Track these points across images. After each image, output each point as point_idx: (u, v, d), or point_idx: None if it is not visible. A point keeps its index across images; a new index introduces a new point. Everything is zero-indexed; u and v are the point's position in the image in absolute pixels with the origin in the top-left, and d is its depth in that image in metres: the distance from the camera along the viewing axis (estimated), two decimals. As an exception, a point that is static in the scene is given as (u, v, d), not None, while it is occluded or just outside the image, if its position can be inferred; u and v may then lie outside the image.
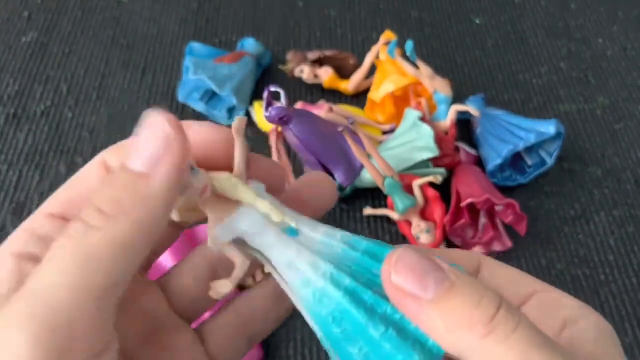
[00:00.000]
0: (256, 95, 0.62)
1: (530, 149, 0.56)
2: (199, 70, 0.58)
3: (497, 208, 0.51)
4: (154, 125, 0.15)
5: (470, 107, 0.55)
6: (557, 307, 0.18)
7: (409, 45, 0.53)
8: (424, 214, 0.50)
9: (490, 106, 0.60)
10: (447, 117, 0.55)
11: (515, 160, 0.56)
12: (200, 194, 0.17)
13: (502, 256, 0.52)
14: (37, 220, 0.17)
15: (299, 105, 0.57)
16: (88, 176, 0.17)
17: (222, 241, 0.18)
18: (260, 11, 0.71)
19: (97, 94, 0.62)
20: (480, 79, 0.65)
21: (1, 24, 0.68)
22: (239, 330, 0.21)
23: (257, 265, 0.21)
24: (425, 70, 0.55)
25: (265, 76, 0.64)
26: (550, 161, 0.55)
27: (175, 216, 0.19)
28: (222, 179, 0.18)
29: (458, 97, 0.62)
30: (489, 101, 0.63)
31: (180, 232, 0.21)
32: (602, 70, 0.67)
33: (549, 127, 0.52)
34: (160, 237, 0.17)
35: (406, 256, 0.16)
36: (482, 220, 0.52)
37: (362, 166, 0.52)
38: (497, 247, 0.52)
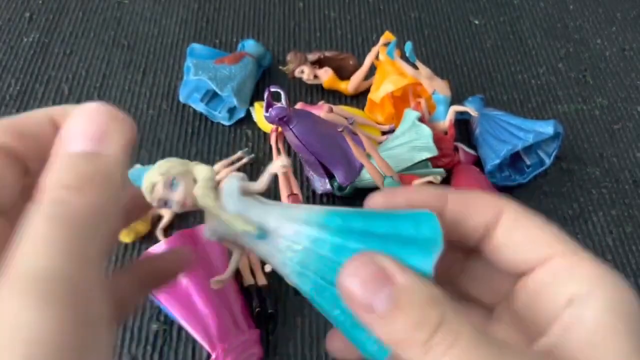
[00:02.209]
0: (257, 96, 0.62)
1: (529, 149, 0.56)
2: (200, 71, 0.58)
3: (496, 208, 0.51)
4: (94, 110, 0.16)
5: (469, 108, 0.56)
6: (567, 279, 0.17)
7: (408, 46, 0.53)
8: (423, 214, 0.51)
9: (489, 107, 0.61)
10: (446, 118, 0.55)
11: (514, 161, 0.56)
12: (182, 208, 0.19)
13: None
14: None
15: (299, 105, 0.57)
16: (35, 116, 0.17)
17: (214, 239, 0.20)
18: (261, 12, 0.71)
19: (98, 95, 0.62)
20: (479, 79, 0.66)
21: (3, 25, 0.68)
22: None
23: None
24: (424, 71, 0.55)
25: (266, 77, 0.65)
26: (548, 161, 0.55)
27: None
28: (196, 194, 0.19)
29: (457, 97, 0.62)
30: (488, 102, 0.63)
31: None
32: (600, 71, 0.67)
33: (548, 128, 0.52)
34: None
35: (362, 266, 0.17)
36: (481, 220, 0.52)
37: (362, 166, 0.52)
38: (496, 246, 0.52)
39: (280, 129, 0.51)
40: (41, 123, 0.17)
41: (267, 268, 0.48)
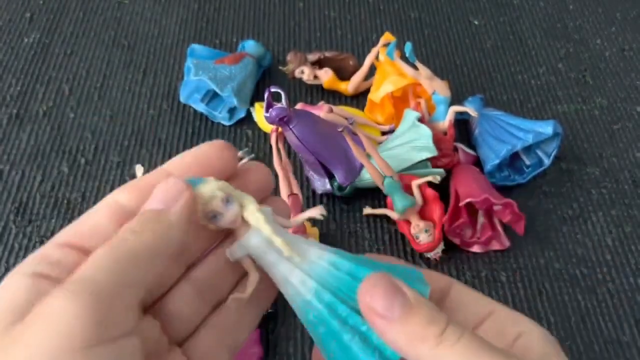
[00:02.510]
0: (257, 96, 0.62)
1: (528, 149, 0.56)
2: (200, 71, 0.58)
3: (495, 208, 0.51)
4: (170, 182, 0.21)
5: (469, 108, 0.56)
6: (511, 323, 0.22)
7: (408, 46, 0.53)
8: (423, 214, 0.51)
9: (489, 107, 0.61)
10: (446, 118, 0.56)
11: (514, 161, 0.57)
12: (230, 224, 0.22)
13: (501, 255, 0.52)
14: (48, 248, 0.20)
15: (299, 106, 0.58)
16: (97, 211, 0.21)
17: (237, 257, 0.23)
18: (261, 12, 0.71)
19: (98, 95, 0.62)
20: (479, 79, 0.66)
21: (3, 25, 0.68)
22: (218, 342, 0.24)
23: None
24: (424, 71, 0.55)
25: (266, 77, 0.65)
26: (548, 161, 0.55)
27: (213, 229, 0.23)
28: (248, 210, 0.22)
29: (457, 97, 0.62)
30: (488, 102, 0.63)
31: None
32: (600, 71, 0.67)
33: (547, 128, 0.52)
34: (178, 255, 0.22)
35: (379, 283, 0.20)
36: (481, 220, 0.52)
37: (361, 166, 0.52)
38: (495, 246, 0.52)
39: (280, 129, 0.51)
40: (99, 214, 0.21)
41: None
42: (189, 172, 0.22)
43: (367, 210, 0.53)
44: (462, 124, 0.60)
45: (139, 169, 0.53)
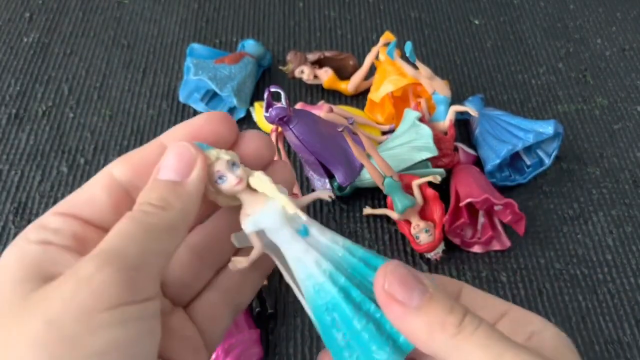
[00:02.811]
0: (257, 96, 0.62)
1: (529, 149, 0.56)
2: (199, 71, 0.58)
3: (496, 208, 0.51)
4: (181, 148, 0.21)
5: (469, 108, 0.56)
6: (525, 323, 0.22)
7: (408, 46, 0.53)
8: (423, 214, 0.51)
9: (489, 106, 0.61)
10: (446, 118, 0.55)
11: (514, 161, 0.56)
12: (235, 185, 0.22)
13: (501, 256, 0.52)
14: (46, 217, 0.20)
15: (299, 105, 0.57)
16: (94, 184, 0.21)
17: (250, 231, 0.22)
18: (261, 12, 0.71)
19: (98, 95, 0.62)
20: (479, 79, 0.66)
21: (3, 25, 0.68)
22: (222, 303, 0.24)
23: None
24: (424, 71, 0.55)
25: (266, 77, 0.65)
26: (548, 161, 0.55)
27: (218, 202, 0.23)
28: (254, 175, 0.22)
29: (457, 97, 0.62)
30: (488, 101, 0.63)
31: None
32: (600, 71, 0.67)
33: (548, 128, 0.52)
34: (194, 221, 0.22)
35: (398, 270, 0.20)
36: (481, 220, 0.52)
37: (362, 166, 0.52)
38: (496, 246, 0.52)
39: (280, 129, 0.51)
40: (158, 153, 0.22)
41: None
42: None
43: (367, 210, 0.53)
44: (463, 124, 0.60)
45: None
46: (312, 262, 0.22)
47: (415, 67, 0.56)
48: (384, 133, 0.58)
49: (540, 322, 0.22)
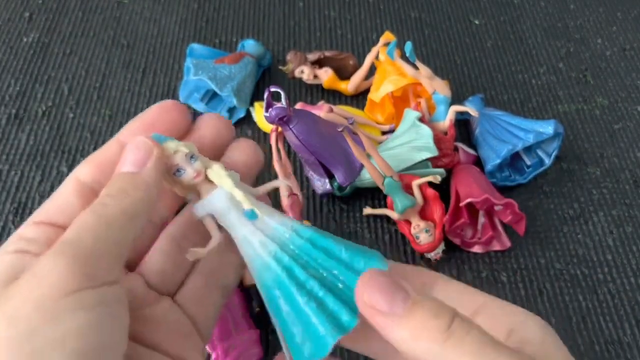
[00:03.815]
0: (256, 95, 0.62)
1: (529, 149, 0.56)
2: (199, 71, 0.58)
3: (496, 208, 0.51)
4: (137, 142, 0.22)
5: (470, 108, 0.56)
6: (504, 315, 0.21)
7: (409, 46, 0.53)
8: (423, 214, 0.50)
9: (490, 106, 0.61)
10: (447, 118, 0.55)
11: (514, 161, 0.56)
12: (194, 178, 0.23)
13: (501, 256, 0.52)
14: (24, 228, 0.21)
15: (299, 105, 0.57)
16: (64, 190, 0.22)
17: (200, 215, 0.23)
18: (261, 12, 0.71)
19: (98, 95, 0.62)
20: (480, 79, 0.66)
21: (2, 25, 0.68)
22: (207, 286, 0.25)
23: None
24: (424, 70, 0.55)
25: (266, 77, 0.65)
26: (549, 161, 0.55)
27: (177, 191, 0.24)
28: (212, 169, 0.23)
29: (457, 97, 0.62)
30: (488, 101, 0.63)
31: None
32: (601, 71, 0.67)
33: (548, 128, 0.52)
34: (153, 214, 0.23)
35: (376, 279, 0.19)
36: (481, 220, 0.52)
37: (362, 166, 0.52)
38: (496, 246, 0.52)
39: (280, 129, 0.51)
40: (118, 149, 0.23)
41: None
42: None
43: (367, 210, 0.53)
44: (463, 124, 0.60)
45: None
46: (257, 243, 0.23)
47: (415, 67, 0.56)
48: (384, 133, 0.58)
49: (521, 314, 0.21)
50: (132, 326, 0.21)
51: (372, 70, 0.61)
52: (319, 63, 0.62)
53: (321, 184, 0.53)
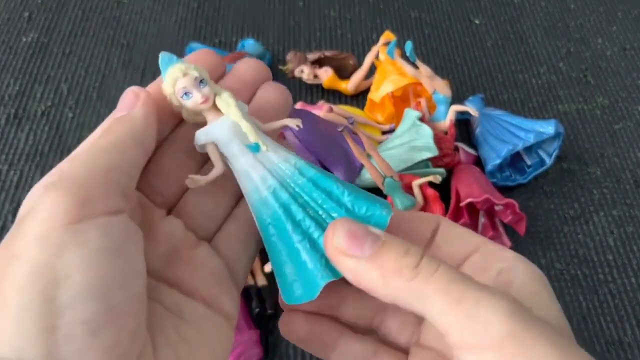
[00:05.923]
0: (256, 95, 0.62)
1: (529, 149, 0.56)
2: (199, 70, 0.58)
3: (496, 208, 0.51)
4: (127, 91, 0.23)
5: (470, 107, 0.56)
6: (496, 258, 0.22)
7: (409, 45, 0.53)
8: (423, 214, 0.50)
9: (490, 106, 0.61)
10: (447, 117, 0.55)
11: (515, 160, 0.56)
12: (200, 103, 0.22)
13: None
14: (61, 163, 0.22)
15: (299, 105, 0.57)
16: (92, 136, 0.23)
17: (202, 142, 0.23)
18: (261, 11, 0.71)
19: (97, 94, 0.62)
20: (480, 79, 0.65)
21: (2, 24, 0.68)
22: (242, 233, 0.24)
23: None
24: (424, 70, 0.55)
25: (265, 76, 0.64)
26: (549, 161, 0.55)
27: (184, 116, 0.24)
28: (221, 96, 0.22)
29: (457, 97, 0.62)
30: (489, 101, 0.63)
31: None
32: (601, 71, 0.67)
33: (548, 127, 0.52)
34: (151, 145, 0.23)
35: (345, 224, 0.20)
36: (482, 220, 0.52)
37: (362, 166, 0.52)
38: (496, 246, 0.52)
39: (280, 128, 0.51)
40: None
41: (267, 268, 0.48)
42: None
43: (368, 211, 0.53)
44: (463, 124, 0.60)
45: None
46: (257, 177, 0.22)
47: (416, 67, 0.55)
48: (384, 133, 0.57)
49: (511, 258, 0.22)
50: (171, 271, 0.21)
51: (372, 69, 0.61)
52: (319, 63, 0.62)
53: (321, 184, 0.53)
